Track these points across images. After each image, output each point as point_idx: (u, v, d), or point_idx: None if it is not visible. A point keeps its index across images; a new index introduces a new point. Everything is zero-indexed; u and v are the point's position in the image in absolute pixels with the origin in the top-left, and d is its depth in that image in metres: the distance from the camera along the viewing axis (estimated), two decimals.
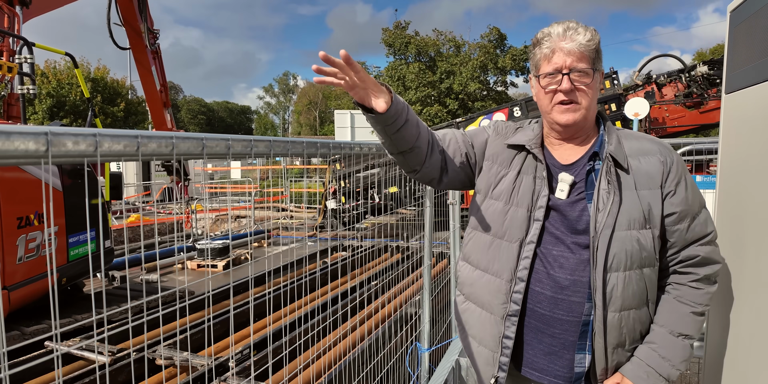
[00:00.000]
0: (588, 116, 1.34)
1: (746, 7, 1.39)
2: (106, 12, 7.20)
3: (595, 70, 1.32)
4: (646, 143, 1.35)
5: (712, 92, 8.76)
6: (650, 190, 1.29)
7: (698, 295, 1.33)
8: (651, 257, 1.30)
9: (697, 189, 1.34)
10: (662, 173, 1.30)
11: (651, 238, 1.29)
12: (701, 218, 1.32)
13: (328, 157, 10.21)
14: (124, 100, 27.31)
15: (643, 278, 1.30)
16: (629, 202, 1.28)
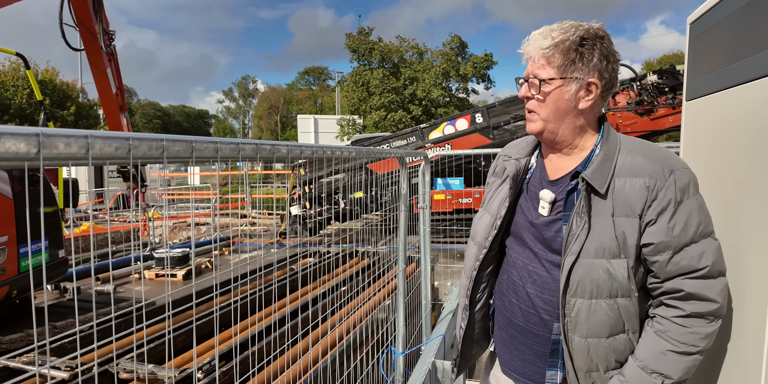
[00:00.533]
0: (551, 129, 1.25)
1: (705, 20, 1.48)
2: (58, 11, 6.90)
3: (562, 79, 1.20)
4: (642, 162, 1.19)
5: (661, 100, 9.22)
6: (628, 218, 1.18)
7: (682, 333, 1.18)
8: (625, 288, 1.20)
9: (697, 216, 1.16)
10: (644, 200, 1.16)
11: (625, 268, 1.18)
12: (693, 251, 1.16)
13: (289, 162, 10.11)
14: (75, 103, 26.17)
15: (617, 308, 1.21)
16: (600, 229, 1.19)
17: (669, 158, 1.20)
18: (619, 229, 1.17)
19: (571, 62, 1.19)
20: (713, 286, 1.17)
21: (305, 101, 56.71)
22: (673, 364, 1.18)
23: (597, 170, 1.20)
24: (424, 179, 3.04)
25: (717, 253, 1.18)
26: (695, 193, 1.18)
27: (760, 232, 1.15)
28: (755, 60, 1.15)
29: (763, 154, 1.13)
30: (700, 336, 1.17)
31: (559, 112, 1.23)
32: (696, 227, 1.16)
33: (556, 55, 1.19)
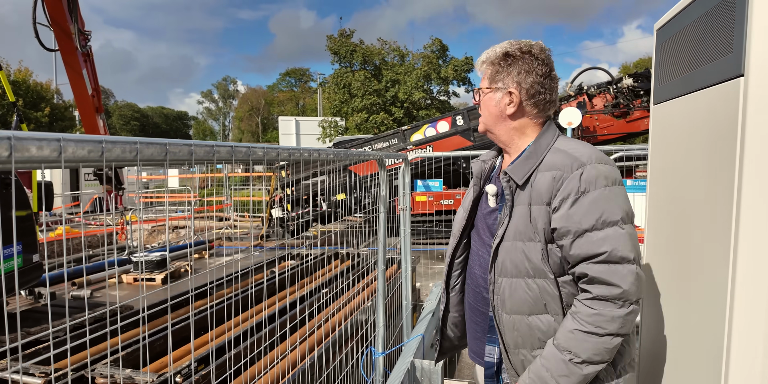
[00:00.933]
0: (490, 130, 1.48)
1: (671, 26, 1.53)
2: (32, 11, 6.76)
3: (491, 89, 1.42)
4: (561, 158, 1.34)
5: (637, 103, 9.43)
6: (539, 206, 1.33)
7: (589, 314, 1.26)
8: (539, 269, 1.33)
9: (601, 206, 1.26)
10: (551, 190, 1.31)
11: (538, 250, 1.32)
12: (594, 237, 1.26)
13: (265, 164, 10.05)
14: (49, 104, 25.59)
15: (535, 288, 1.34)
16: (519, 215, 1.35)
17: (586, 155, 1.33)
18: (533, 216, 1.33)
19: (496, 74, 1.42)
20: (616, 271, 1.24)
21: (287, 103, 56.39)
22: (581, 343, 1.26)
23: (518, 166, 1.38)
24: (404, 181, 3.07)
25: (621, 241, 1.25)
26: (604, 186, 1.28)
27: (719, 234, 1.20)
28: (715, 66, 1.20)
29: (720, 157, 1.18)
30: (606, 318, 1.25)
31: (491, 116, 1.45)
32: (598, 215, 1.26)
33: (487, 69, 1.44)
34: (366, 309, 3.55)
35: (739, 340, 1.18)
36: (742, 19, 1.06)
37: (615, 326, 1.25)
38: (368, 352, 2.35)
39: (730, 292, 1.18)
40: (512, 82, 1.39)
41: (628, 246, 1.26)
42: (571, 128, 8.70)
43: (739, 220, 1.12)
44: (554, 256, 1.33)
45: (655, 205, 1.81)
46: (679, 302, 1.57)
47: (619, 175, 1.34)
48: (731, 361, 1.20)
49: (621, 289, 1.24)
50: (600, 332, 1.25)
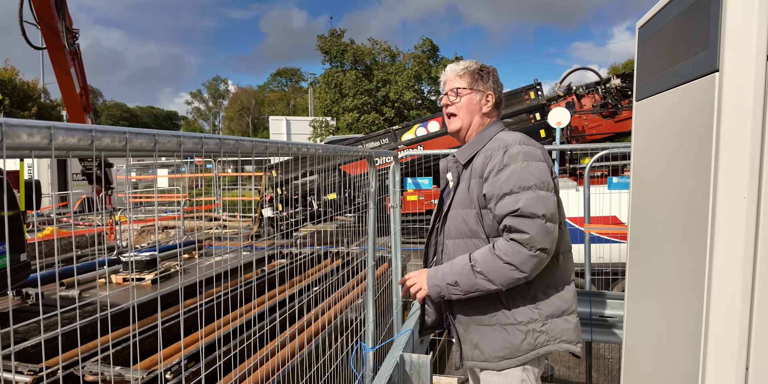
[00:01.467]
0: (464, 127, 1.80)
1: (652, 24, 1.57)
2: (18, 8, 6.69)
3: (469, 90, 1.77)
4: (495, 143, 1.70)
5: (625, 103, 9.53)
6: (476, 180, 1.67)
7: (502, 244, 1.57)
8: (474, 230, 1.68)
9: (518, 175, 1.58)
10: (484, 166, 1.65)
11: (473, 215, 1.67)
12: (511, 198, 1.57)
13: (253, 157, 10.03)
14: (36, 103, 25.31)
15: (472, 246, 1.67)
16: (461, 189, 1.71)
17: (512, 139, 1.68)
18: (471, 188, 1.67)
19: (474, 81, 1.78)
20: (525, 223, 1.56)
21: (277, 103, 56.16)
22: (486, 260, 1.58)
23: (463, 150, 1.77)
24: (394, 179, 3.09)
25: (533, 200, 1.57)
26: (523, 160, 1.61)
27: (695, 229, 1.23)
28: (692, 62, 1.24)
29: (696, 151, 1.22)
30: (513, 251, 1.56)
31: (470, 113, 1.78)
32: (516, 182, 1.58)
33: (466, 75, 1.79)
34: (356, 307, 3.57)
35: (715, 333, 1.21)
36: (717, 16, 1.09)
37: (517, 259, 1.54)
38: (358, 347, 2.37)
39: (706, 286, 1.21)
40: (489, 88, 1.79)
41: (538, 205, 1.56)
42: (560, 128, 8.78)
43: (714, 215, 1.15)
44: (487, 219, 1.65)
45: (637, 202, 1.84)
46: (660, 297, 1.61)
47: (540, 154, 1.65)
48: (708, 354, 1.23)
49: (528, 234, 1.54)
50: (504, 259, 1.55)
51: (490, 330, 1.66)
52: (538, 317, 1.64)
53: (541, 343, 1.65)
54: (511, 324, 1.64)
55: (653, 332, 1.67)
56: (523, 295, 1.64)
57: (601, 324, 3.65)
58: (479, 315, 1.67)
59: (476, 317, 1.68)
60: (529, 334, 1.64)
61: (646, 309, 1.75)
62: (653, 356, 1.67)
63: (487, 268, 1.57)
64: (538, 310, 1.65)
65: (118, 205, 11.49)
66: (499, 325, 1.65)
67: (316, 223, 9.78)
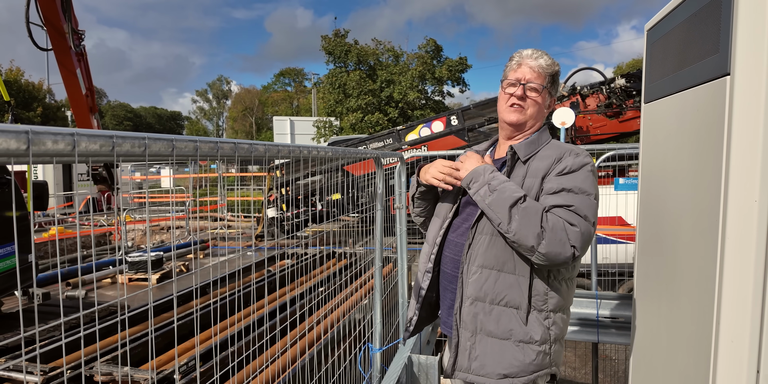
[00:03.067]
0: (529, 122, 1.67)
1: (660, 27, 1.57)
2: (25, 10, 6.73)
3: (546, 89, 1.64)
4: (559, 148, 1.62)
5: (629, 103, 9.51)
6: (533, 179, 1.57)
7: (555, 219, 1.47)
8: None
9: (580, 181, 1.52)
10: (549, 167, 1.56)
11: None
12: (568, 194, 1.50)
13: (268, 163, 10.05)
14: (42, 104, 25.43)
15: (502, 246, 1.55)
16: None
17: (578, 149, 1.62)
18: (525, 186, 1.56)
19: (552, 83, 1.68)
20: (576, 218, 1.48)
21: (281, 103, 56.24)
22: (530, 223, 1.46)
23: (524, 146, 1.64)
24: (400, 180, 3.10)
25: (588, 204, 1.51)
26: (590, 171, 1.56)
27: (706, 230, 1.24)
28: (702, 65, 1.24)
29: (707, 153, 1.22)
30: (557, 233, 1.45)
31: (540, 111, 1.68)
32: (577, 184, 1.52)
33: (549, 73, 1.65)
34: (362, 307, 3.57)
35: (726, 333, 1.21)
36: (728, 20, 1.09)
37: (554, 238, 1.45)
38: (366, 348, 2.37)
39: (717, 287, 1.21)
40: (555, 93, 1.72)
41: (591, 210, 1.50)
42: (564, 128, 8.76)
43: (725, 218, 1.15)
44: None
45: (645, 203, 1.84)
46: (669, 297, 1.61)
47: (595, 169, 1.60)
48: (719, 354, 1.23)
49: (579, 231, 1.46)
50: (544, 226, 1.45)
51: (500, 344, 1.57)
52: (548, 339, 1.58)
53: (545, 365, 1.59)
54: (527, 342, 1.56)
55: (663, 333, 1.67)
56: (543, 315, 1.57)
57: (607, 325, 3.64)
58: (494, 326, 1.57)
59: (490, 328, 1.58)
60: (539, 355, 1.56)
61: (656, 310, 1.75)
62: (662, 357, 1.67)
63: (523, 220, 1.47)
64: (550, 332, 1.58)
65: (123, 205, 11.52)
66: (513, 340, 1.56)
67: (317, 222, 9.79)
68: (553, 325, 1.58)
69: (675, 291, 1.55)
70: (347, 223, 9.52)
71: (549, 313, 1.57)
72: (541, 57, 1.64)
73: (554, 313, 1.58)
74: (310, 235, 9.12)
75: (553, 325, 1.58)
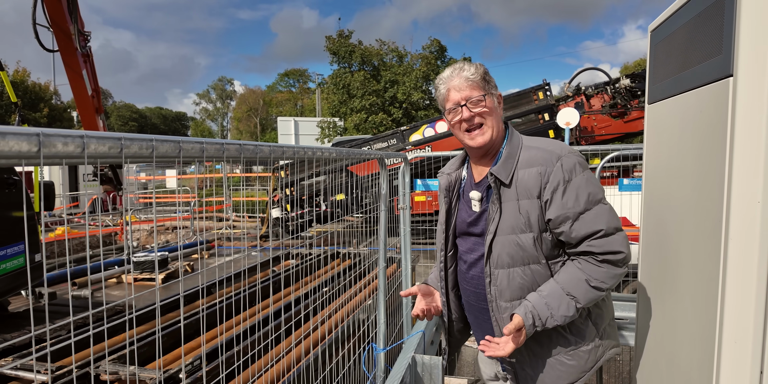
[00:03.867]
0: (494, 134, 1.57)
1: (664, 28, 1.57)
2: (31, 12, 6.78)
3: (489, 94, 1.55)
4: (537, 154, 1.50)
5: (634, 103, 9.48)
6: (529, 200, 1.47)
7: (597, 270, 1.46)
8: (533, 256, 1.50)
9: (585, 189, 1.44)
10: (539, 184, 1.46)
11: (531, 240, 1.48)
12: (589, 216, 1.43)
13: (272, 163, 10.09)
14: (48, 105, 25.59)
15: (530, 273, 1.51)
16: (510, 211, 1.49)
17: (557, 147, 1.50)
18: (522, 210, 1.47)
19: (488, 83, 1.58)
20: (615, 241, 1.44)
21: (285, 103, 56.37)
22: (585, 292, 1.46)
23: (501, 166, 1.52)
24: (404, 180, 3.11)
25: (609, 214, 1.46)
26: (582, 171, 1.47)
27: (709, 232, 1.24)
28: (705, 66, 1.24)
29: (710, 155, 1.22)
30: (611, 275, 1.46)
31: (497, 119, 1.58)
32: (586, 197, 1.44)
33: (479, 79, 1.56)
34: (366, 307, 3.58)
35: (729, 335, 1.22)
36: (731, 21, 1.10)
37: (614, 282, 1.47)
38: (369, 348, 2.38)
39: (721, 288, 1.21)
40: (495, 88, 1.60)
41: (615, 218, 1.46)
42: (569, 128, 8.75)
43: (728, 218, 1.15)
44: (546, 243, 1.50)
45: (649, 204, 1.84)
46: (673, 298, 1.61)
47: (585, 161, 1.51)
48: (723, 355, 1.23)
49: (624, 253, 1.44)
50: (603, 287, 1.45)
51: (551, 362, 1.56)
52: (596, 333, 1.57)
53: (600, 355, 1.59)
54: (575, 348, 1.55)
55: (665, 334, 1.67)
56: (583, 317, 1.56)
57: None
58: (538, 347, 1.56)
59: (535, 349, 1.56)
60: (592, 352, 1.56)
61: (659, 311, 1.75)
62: (666, 358, 1.67)
63: (586, 302, 1.46)
64: (595, 325, 1.57)
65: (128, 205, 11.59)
66: (562, 354, 1.55)
67: (322, 223, 9.80)
68: (596, 316, 1.57)
69: (678, 292, 1.55)
70: (351, 223, 9.54)
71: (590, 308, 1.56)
72: (461, 70, 1.56)
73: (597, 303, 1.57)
74: (315, 235, 9.14)
75: (597, 316, 1.57)
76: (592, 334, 1.55)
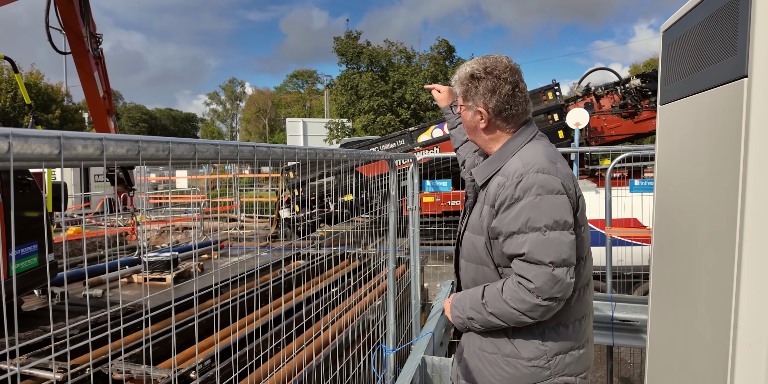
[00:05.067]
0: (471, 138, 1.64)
1: (677, 28, 1.56)
2: (45, 15, 6.86)
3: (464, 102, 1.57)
4: (513, 165, 1.48)
5: (645, 103, 9.40)
6: (488, 207, 1.51)
7: (510, 289, 1.46)
8: (483, 258, 1.55)
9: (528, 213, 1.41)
10: (495, 194, 1.47)
11: (482, 242, 1.54)
12: (518, 239, 1.42)
13: (282, 165, 10.13)
14: (60, 106, 25.88)
15: (481, 272, 1.58)
16: (475, 213, 1.57)
17: (531, 165, 1.45)
18: (482, 214, 1.53)
19: (466, 93, 1.55)
20: (530, 270, 1.41)
21: (294, 104, 56.58)
22: (495, 302, 1.48)
23: (481, 168, 1.57)
24: (413, 181, 3.11)
25: (540, 246, 1.40)
26: (537, 194, 1.41)
27: (723, 234, 1.23)
28: (719, 67, 1.23)
29: (724, 157, 1.21)
30: (519, 299, 1.43)
31: (469, 129, 1.61)
32: (525, 221, 1.41)
33: (459, 87, 1.57)
34: (375, 308, 3.59)
35: (744, 338, 1.20)
36: (746, 21, 1.09)
37: (523, 307, 1.43)
38: (379, 349, 2.39)
39: (735, 290, 1.20)
40: (480, 101, 1.52)
41: (545, 250, 1.40)
42: (579, 129, 8.70)
43: (743, 221, 1.14)
44: (497, 250, 1.52)
45: (662, 205, 1.83)
46: (685, 300, 1.60)
47: (558, 185, 1.43)
48: (737, 359, 1.22)
49: (533, 285, 1.41)
50: (511, 305, 1.44)
51: (490, 358, 1.56)
52: (543, 354, 1.51)
53: (543, 378, 1.51)
54: (515, 357, 1.52)
55: (679, 336, 1.66)
56: (531, 332, 1.52)
57: (622, 328, 3.61)
58: (481, 342, 1.59)
59: (478, 343, 1.59)
60: (533, 369, 1.51)
61: (672, 313, 1.73)
62: (678, 361, 1.66)
63: (496, 311, 1.48)
64: (545, 347, 1.51)
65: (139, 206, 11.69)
66: (501, 354, 1.54)
67: (332, 224, 9.82)
68: (549, 341, 1.51)
69: (692, 294, 1.54)
70: (360, 224, 9.55)
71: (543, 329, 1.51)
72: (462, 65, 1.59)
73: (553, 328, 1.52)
74: (324, 236, 9.17)
75: (550, 341, 1.51)
76: (534, 352, 1.51)
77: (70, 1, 6.76)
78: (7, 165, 0.56)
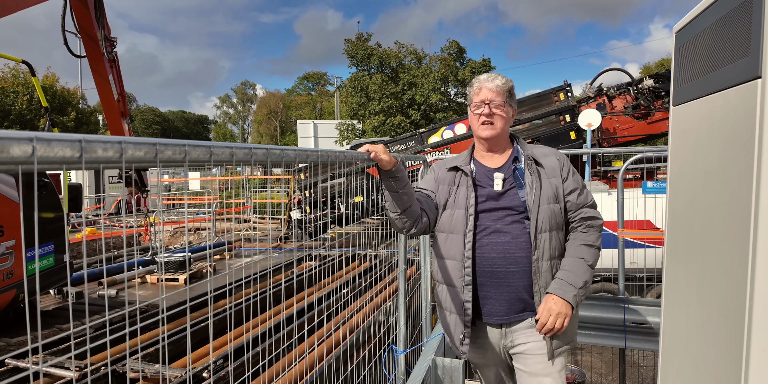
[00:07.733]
0: (501, 134, 1.99)
1: (689, 29, 1.55)
2: (61, 19, 6.98)
3: (508, 105, 1.98)
4: (544, 150, 2.04)
5: (658, 104, 9.29)
6: (555, 178, 1.95)
7: (596, 236, 1.97)
8: (561, 222, 1.96)
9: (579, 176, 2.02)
10: (560, 167, 1.97)
11: (559, 209, 1.94)
12: (584, 192, 2.00)
13: (293, 166, 10.18)
14: (75, 109, 26.24)
15: (558, 238, 1.94)
16: (546, 186, 1.92)
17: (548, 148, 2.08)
18: (552, 185, 1.94)
19: (509, 97, 2.01)
20: (596, 211, 2.02)
21: (304, 106, 56.83)
22: (587, 251, 1.93)
23: (533, 154, 1.99)
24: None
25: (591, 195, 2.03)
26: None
27: (737, 236, 1.22)
28: (732, 68, 1.23)
29: (738, 158, 1.20)
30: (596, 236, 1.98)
31: (507, 123, 2.01)
32: (580, 180, 2.01)
33: (506, 90, 1.98)
34: (385, 309, 3.59)
35: (758, 342, 1.19)
36: (759, 22, 1.08)
37: (599, 241, 1.98)
38: (389, 350, 2.39)
39: (749, 293, 1.19)
40: (514, 104, 2.05)
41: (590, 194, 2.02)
42: (591, 130, 8.63)
43: (757, 223, 1.13)
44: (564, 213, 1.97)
45: (675, 207, 1.82)
46: (699, 303, 1.58)
47: None
48: (751, 362, 1.21)
49: (600, 220, 2.01)
50: (596, 245, 1.96)
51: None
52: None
53: None
54: None
55: (692, 339, 1.65)
56: None
57: (635, 330, 3.58)
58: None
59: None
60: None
61: (685, 316, 1.72)
62: (692, 364, 1.65)
63: (593, 260, 1.91)
64: None
65: (152, 207, 11.84)
66: None
67: (343, 225, 9.85)
68: None
69: (705, 297, 1.53)
70: (370, 225, 9.56)
71: None
72: (496, 78, 1.97)
73: None
74: (335, 237, 9.20)
75: None
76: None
77: (85, 4, 6.87)
78: (31, 168, 0.58)
